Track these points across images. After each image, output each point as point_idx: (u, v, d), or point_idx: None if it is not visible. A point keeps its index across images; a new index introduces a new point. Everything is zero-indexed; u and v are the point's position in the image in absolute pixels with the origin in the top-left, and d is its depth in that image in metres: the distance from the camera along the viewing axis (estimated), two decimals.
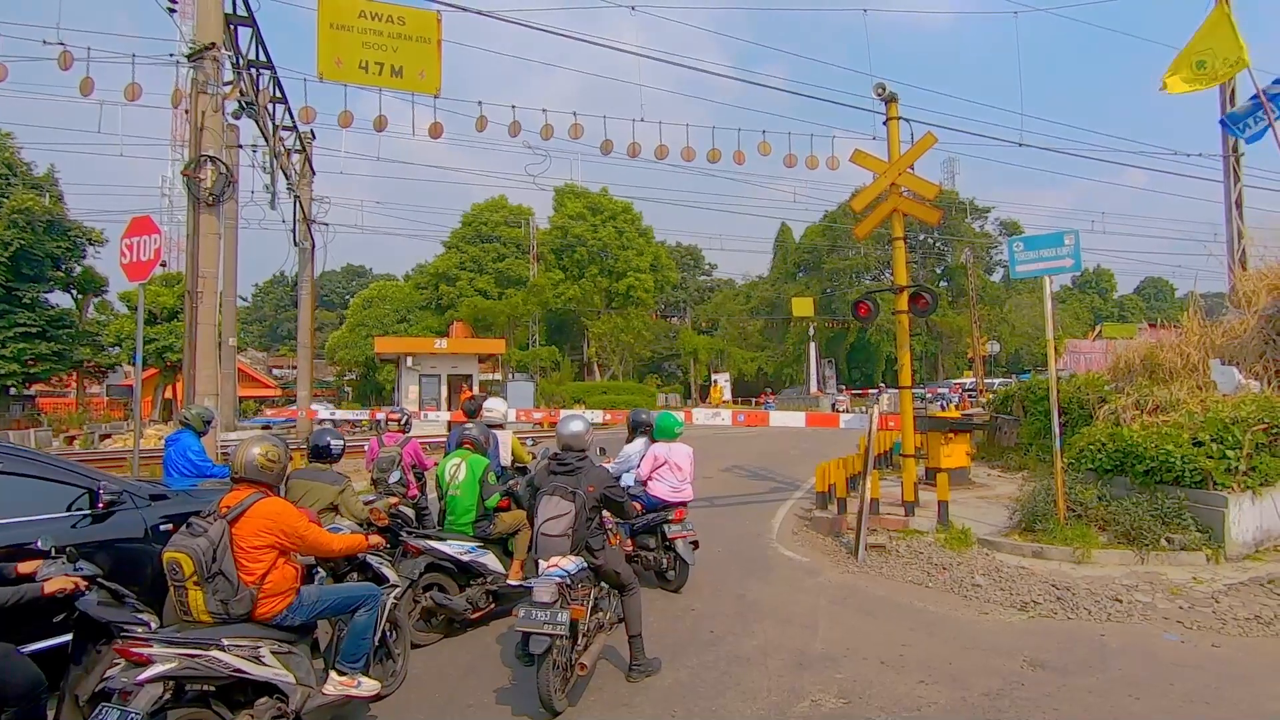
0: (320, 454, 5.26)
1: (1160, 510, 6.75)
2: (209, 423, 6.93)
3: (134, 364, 9.06)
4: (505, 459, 6.83)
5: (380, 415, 10.46)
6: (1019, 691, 4.17)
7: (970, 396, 32.01)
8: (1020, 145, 14.63)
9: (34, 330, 29.27)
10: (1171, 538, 6.61)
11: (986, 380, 37.64)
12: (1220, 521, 6.58)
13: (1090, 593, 5.79)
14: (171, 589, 3.16)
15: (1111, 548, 6.73)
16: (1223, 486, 6.72)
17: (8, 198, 28.72)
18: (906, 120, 8.84)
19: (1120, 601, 5.61)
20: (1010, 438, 13.24)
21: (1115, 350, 12.69)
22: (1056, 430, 7.33)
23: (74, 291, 33.11)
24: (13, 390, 30.99)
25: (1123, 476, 7.41)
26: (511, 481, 5.96)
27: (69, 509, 4.13)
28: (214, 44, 11.20)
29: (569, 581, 4.01)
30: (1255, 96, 10.83)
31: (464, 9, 10.84)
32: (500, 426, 6.89)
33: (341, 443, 5.42)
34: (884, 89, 8.82)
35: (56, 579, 3.13)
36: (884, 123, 8.92)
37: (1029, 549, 6.97)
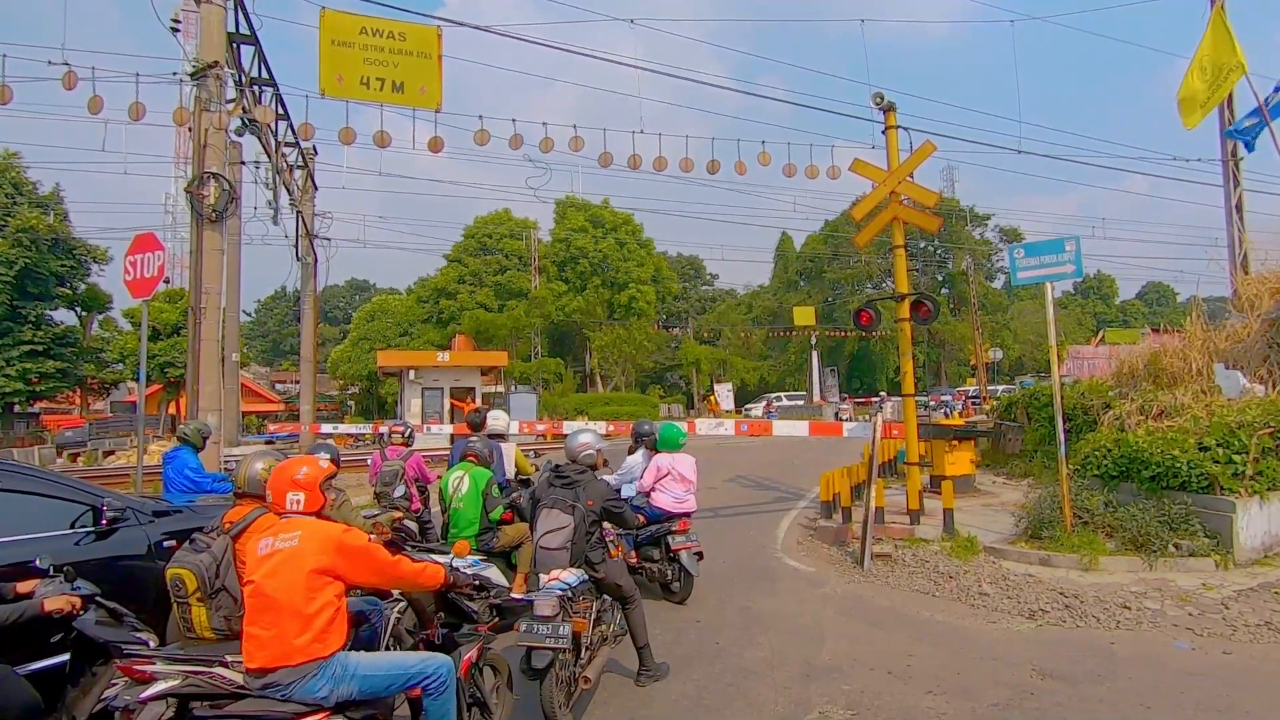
0: None
1: (1167, 516, 6.70)
2: (207, 438, 6.94)
3: (137, 380, 9.09)
4: (509, 471, 6.82)
5: (383, 429, 10.46)
6: (1028, 702, 4.13)
7: (974, 403, 31.92)
8: (1019, 152, 14.63)
9: (39, 348, 29.40)
10: (1179, 544, 6.56)
11: (990, 387, 37.54)
12: (1228, 527, 6.53)
13: (1099, 600, 5.74)
14: (175, 606, 3.14)
15: (1119, 554, 6.68)
16: (1230, 491, 6.68)
17: (14, 217, 28.93)
18: (905, 129, 8.85)
19: (1129, 609, 5.56)
20: (1015, 444, 13.17)
21: (1118, 356, 12.69)
22: (1061, 436, 7.30)
23: (78, 309, 33.26)
24: (17, 408, 31.08)
25: (1128, 482, 7.36)
26: (515, 494, 5.95)
27: (72, 526, 4.13)
28: (217, 62, 11.33)
29: (570, 594, 3.99)
30: (1257, 109, 10.93)
31: (464, 24, 10.94)
32: (503, 438, 6.89)
33: (335, 454, 5.41)
34: (882, 98, 8.84)
35: (55, 597, 3.11)
36: (883, 131, 8.93)
37: (1036, 556, 6.91)
